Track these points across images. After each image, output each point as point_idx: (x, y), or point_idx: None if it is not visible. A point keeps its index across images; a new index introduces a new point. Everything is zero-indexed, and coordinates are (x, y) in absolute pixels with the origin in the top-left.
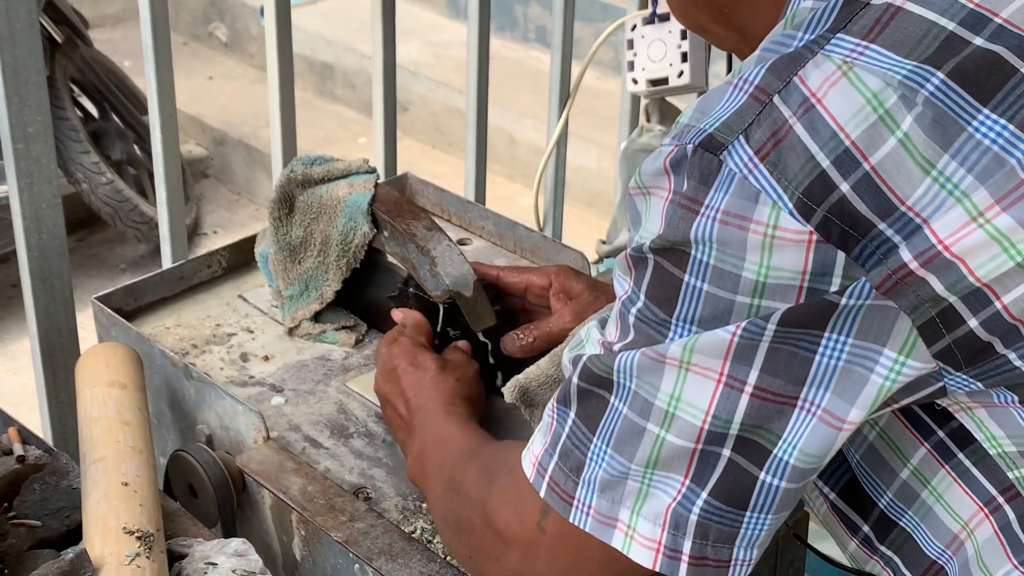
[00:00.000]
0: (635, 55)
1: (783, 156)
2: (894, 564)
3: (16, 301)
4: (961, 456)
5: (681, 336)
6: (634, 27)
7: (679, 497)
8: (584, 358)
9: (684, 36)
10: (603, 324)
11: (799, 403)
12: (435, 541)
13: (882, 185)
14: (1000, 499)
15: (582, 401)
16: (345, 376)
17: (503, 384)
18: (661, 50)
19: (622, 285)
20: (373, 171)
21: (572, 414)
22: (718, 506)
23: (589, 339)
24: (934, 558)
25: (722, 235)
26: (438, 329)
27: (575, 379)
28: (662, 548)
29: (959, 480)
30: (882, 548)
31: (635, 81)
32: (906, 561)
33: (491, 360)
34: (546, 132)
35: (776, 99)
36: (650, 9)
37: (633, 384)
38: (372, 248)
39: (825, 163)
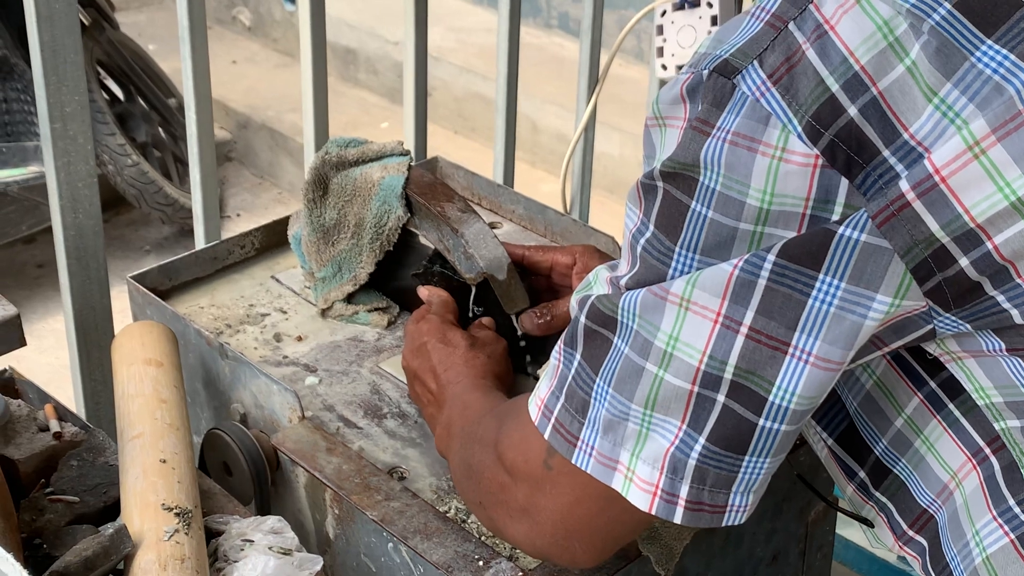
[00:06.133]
0: (664, 41)
1: (795, 80)
2: (888, 510)
3: (42, 281)
4: (951, 407)
5: (683, 265)
6: (664, 13)
7: (677, 441)
8: (592, 298)
9: (714, 22)
10: (613, 267)
11: (790, 350)
12: (470, 520)
13: (888, 111)
14: (987, 450)
15: (588, 342)
16: (378, 357)
17: (531, 364)
18: (691, 36)
19: (632, 217)
20: (407, 154)
21: (578, 355)
22: (716, 451)
23: (597, 280)
24: (925, 506)
25: (731, 157)
26: (469, 308)
27: (582, 319)
28: (659, 492)
29: (949, 430)
30: (877, 494)
31: (664, 67)
32: (899, 508)
33: (521, 343)
34: (569, 119)
35: (791, 26)
36: None
37: (635, 324)
38: (406, 230)
39: (835, 87)
